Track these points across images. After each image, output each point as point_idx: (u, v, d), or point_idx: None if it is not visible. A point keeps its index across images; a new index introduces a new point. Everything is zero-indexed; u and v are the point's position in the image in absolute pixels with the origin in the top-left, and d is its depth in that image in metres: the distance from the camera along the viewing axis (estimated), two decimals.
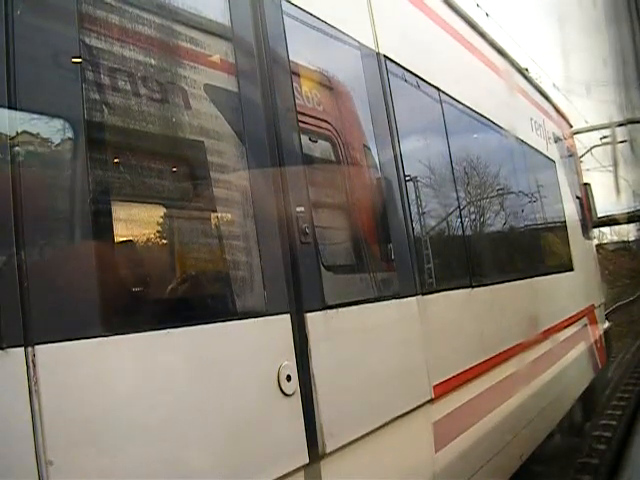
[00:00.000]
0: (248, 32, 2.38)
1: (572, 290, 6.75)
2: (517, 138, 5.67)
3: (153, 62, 1.98)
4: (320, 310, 2.39)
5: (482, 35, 5.25)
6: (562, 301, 6.18)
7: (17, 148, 1.56)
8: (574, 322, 6.36)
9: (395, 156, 3.28)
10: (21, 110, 1.55)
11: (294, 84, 2.57)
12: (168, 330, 1.77)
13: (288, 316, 2.25)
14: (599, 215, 9.53)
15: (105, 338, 1.59)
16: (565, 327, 5.93)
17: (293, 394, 2.16)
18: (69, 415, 1.49)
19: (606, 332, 7.98)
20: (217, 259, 2.19)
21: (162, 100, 2.03)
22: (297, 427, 2.18)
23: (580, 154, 10.31)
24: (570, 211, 7.22)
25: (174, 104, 2.07)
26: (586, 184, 8.75)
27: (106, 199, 1.78)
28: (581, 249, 7.38)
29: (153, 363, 1.75)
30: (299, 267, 2.33)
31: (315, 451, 2.23)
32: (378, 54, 3.30)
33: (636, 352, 11.45)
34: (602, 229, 21.07)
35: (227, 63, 2.28)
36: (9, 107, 1.51)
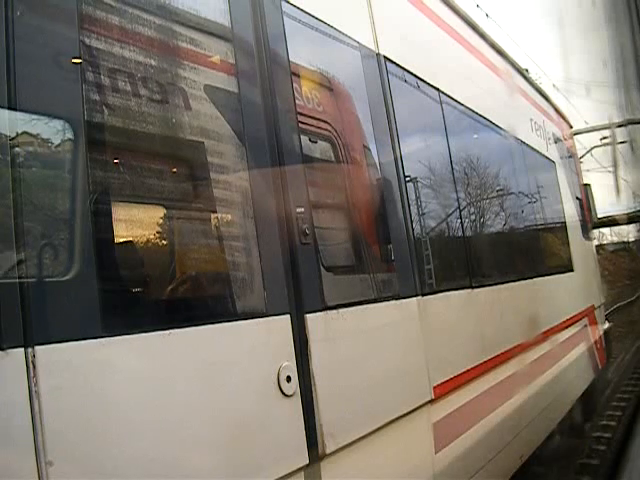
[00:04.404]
0: (248, 33, 2.38)
1: (572, 291, 6.75)
2: (517, 139, 5.67)
3: (153, 63, 1.98)
4: (320, 311, 2.39)
5: (482, 36, 5.25)
6: (562, 302, 6.17)
7: (17, 148, 1.57)
8: (574, 323, 6.36)
9: (395, 157, 3.28)
10: (21, 110, 1.55)
11: (294, 85, 2.57)
12: (169, 331, 1.77)
13: (288, 317, 2.25)
14: (599, 216, 9.53)
15: (106, 339, 1.59)
16: (565, 328, 5.93)
17: (293, 395, 2.16)
18: (69, 416, 1.49)
19: (606, 333, 7.98)
20: (217, 260, 2.19)
21: (162, 101, 2.03)
22: (297, 428, 2.18)
23: (580, 155, 10.31)
24: (570, 212, 7.22)
25: (174, 105, 2.07)
26: (586, 185, 8.75)
27: (106, 199, 1.78)
28: (581, 250, 7.38)
29: (154, 364, 1.74)
30: (299, 268, 2.33)
31: (315, 452, 2.23)
32: (378, 55, 3.30)
33: (636, 353, 11.44)
34: (602, 230, 21.08)
35: (227, 64, 2.28)
36: (9, 107, 1.51)
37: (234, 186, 2.23)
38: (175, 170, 2.17)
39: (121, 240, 1.89)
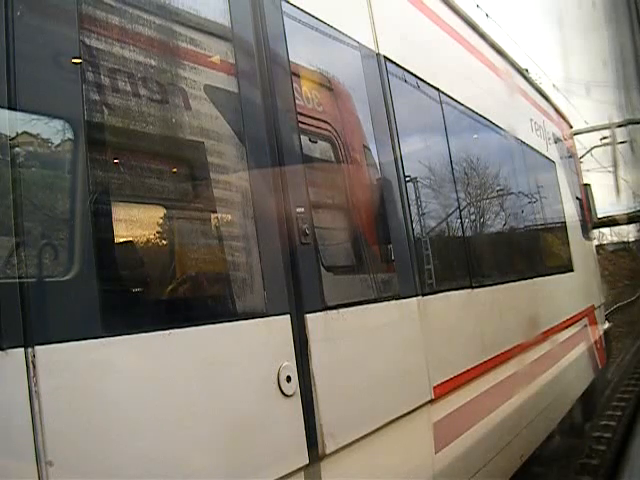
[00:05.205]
0: (248, 33, 2.38)
1: (572, 291, 6.75)
2: (517, 139, 5.67)
3: (153, 63, 1.98)
4: (320, 311, 2.39)
5: (482, 36, 5.25)
6: (562, 302, 6.17)
7: (17, 148, 1.57)
8: (574, 323, 6.36)
9: (395, 157, 3.28)
10: (21, 110, 1.55)
11: (294, 85, 2.57)
12: (169, 331, 1.77)
13: (288, 317, 2.25)
14: (599, 216, 9.54)
15: (106, 339, 1.59)
16: (565, 328, 5.92)
17: (293, 395, 2.16)
18: (69, 416, 1.49)
19: (606, 333, 7.97)
20: (217, 260, 2.19)
21: (162, 101, 2.03)
22: (297, 428, 2.18)
23: (580, 155, 10.31)
24: (570, 212, 7.22)
25: (174, 105, 2.07)
26: (586, 185, 8.75)
27: (106, 199, 1.78)
28: (581, 250, 7.38)
29: (154, 364, 1.75)
30: (299, 268, 2.33)
31: (315, 452, 2.23)
32: (378, 55, 3.30)
33: (636, 353, 11.44)
34: (602, 230, 21.09)
35: (227, 64, 2.28)
36: (9, 107, 1.51)
37: (234, 186, 2.23)
38: (175, 170, 2.17)
39: (121, 240, 1.89)
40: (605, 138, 12.90)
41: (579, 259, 7.03)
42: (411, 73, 3.66)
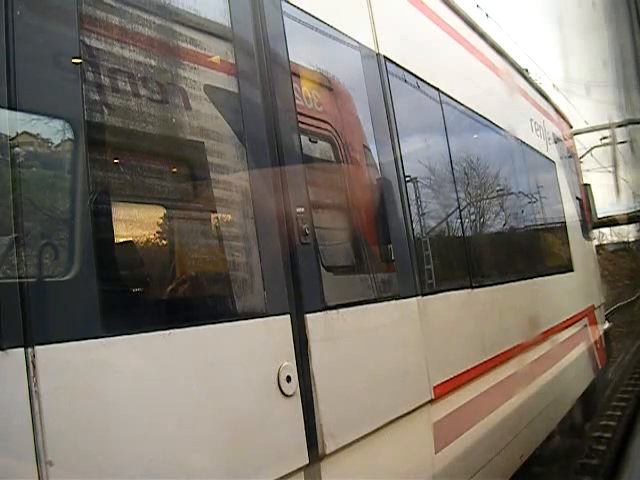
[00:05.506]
0: (248, 33, 2.38)
1: (572, 291, 6.75)
2: (517, 139, 5.67)
3: (153, 63, 1.99)
4: (320, 311, 2.39)
5: (482, 36, 5.25)
6: (562, 302, 6.17)
7: (17, 148, 1.57)
8: (574, 323, 6.36)
9: (395, 157, 3.28)
10: (21, 110, 1.55)
11: (294, 85, 2.57)
12: (169, 331, 1.77)
13: (288, 317, 2.25)
14: (599, 216, 9.54)
15: (106, 339, 1.59)
16: (565, 328, 5.93)
17: (293, 395, 2.16)
18: (69, 416, 1.49)
19: (606, 333, 7.98)
20: (217, 260, 2.19)
21: (162, 101, 2.04)
22: (297, 428, 2.18)
23: (580, 155, 10.31)
24: (570, 212, 7.22)
25: (174, 105, 2.07)
26: (586, 185, 8.75)
27: (106, 199, 1.78)
28: (581, 250, 7.38)
29: (154, 364, 1.75)
30: (299, 268, 2.33)
31: (315, 452, 2.23)
32: (378, 55, 3.30)
33: (636, 353, 11.44)
34: (602, 230, 21.09)
35: (227, 64, 2.28)
36: (9, 107, 1.51)
37: (234, 186, 2.23)
38: (175, 170, 2.17)
39: (121, 240, 1.89)
40: (605, 138, 12.90)
41: (579, 259, 7.03)
42: (411, 73, 3.66)
